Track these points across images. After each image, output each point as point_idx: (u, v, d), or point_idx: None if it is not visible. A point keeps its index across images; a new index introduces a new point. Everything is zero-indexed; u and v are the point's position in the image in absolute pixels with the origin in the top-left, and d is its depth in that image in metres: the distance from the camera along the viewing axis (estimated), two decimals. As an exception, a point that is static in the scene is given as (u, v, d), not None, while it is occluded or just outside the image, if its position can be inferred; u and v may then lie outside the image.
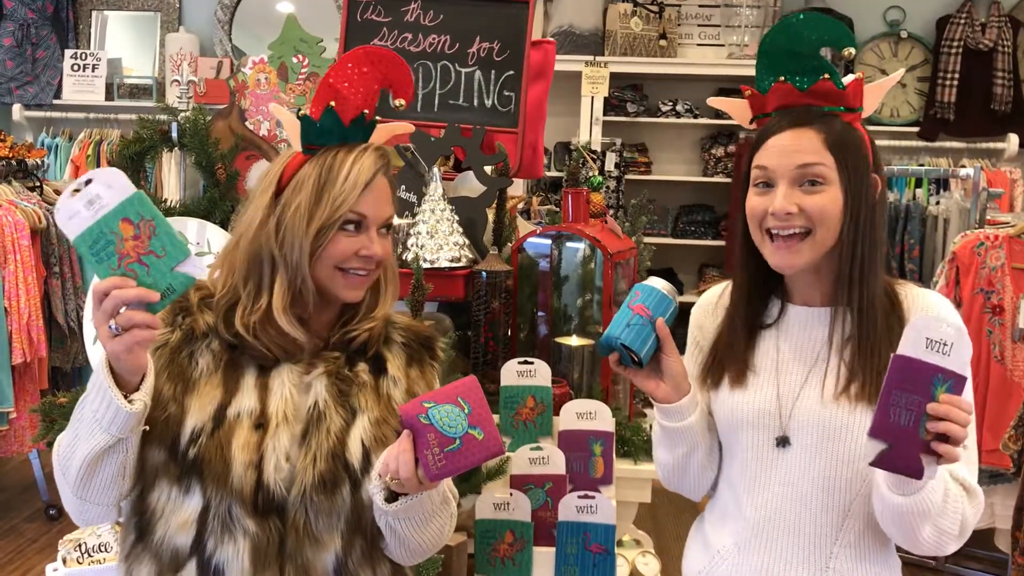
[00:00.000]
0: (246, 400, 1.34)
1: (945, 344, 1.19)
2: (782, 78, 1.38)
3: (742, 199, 1.44)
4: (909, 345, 1.20)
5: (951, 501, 1.30)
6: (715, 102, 1.53)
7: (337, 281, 1.38)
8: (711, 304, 1.58)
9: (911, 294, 1.42)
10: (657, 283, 1.41)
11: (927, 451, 1.19)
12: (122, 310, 1.19)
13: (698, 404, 1.48)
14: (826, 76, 1.36)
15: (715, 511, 1.56)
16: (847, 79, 1.40)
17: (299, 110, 1.51)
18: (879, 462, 1.20)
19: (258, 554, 1.30)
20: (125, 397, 1.22)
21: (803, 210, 1.35)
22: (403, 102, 1.47)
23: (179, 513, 1.30)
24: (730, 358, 1.48)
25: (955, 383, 1.19)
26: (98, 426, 1.23)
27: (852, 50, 1.36)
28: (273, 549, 1.31)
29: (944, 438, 1.18)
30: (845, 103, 1.37)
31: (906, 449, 1.19)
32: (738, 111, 1.46)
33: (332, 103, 1.37)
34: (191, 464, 1.30)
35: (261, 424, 1.33)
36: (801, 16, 1.38)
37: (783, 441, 1.42)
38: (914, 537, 1.32)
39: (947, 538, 1.32)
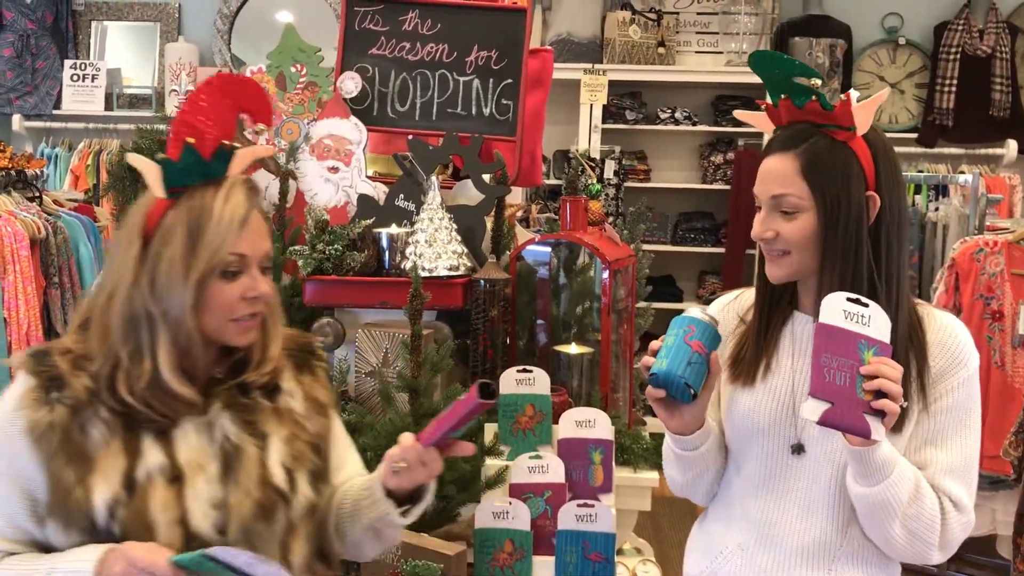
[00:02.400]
0: (152, 458, 1.27)
1: (863, 316, 1.28)
2: (784, 96, 1.42)
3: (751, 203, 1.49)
4: (828, 316, 1.28)
5: (925, 507, 1.35)
6: (741, 115, 1.58)
7: (227, 330, 1.32)
8: (723, 314, 1.60)
9: (928, 314, 1.47)
10: (705, 317, 1.40)
11: (870, 411, 1.25)
12: None
13: (711, 433, 1.51)
14: (814, 98, 1.39)
15: (719, 512, 1.59)
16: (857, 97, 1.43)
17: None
18: (824, 419, 1.26)
19: None
20: None
21: (779, 235, 1.41)
22: (263, 126, 1.44)
23: None
24: (746, 361, 1.52)
25: (881, 348, 1.27)
26: None
27: (818, 81, 1.40)
28: None
29: (881, 396, 1.24)
30: (836, 122, 1.40)
31: (847, 408, 1.25)
32: (761, 122, 1.51)
33: (191, 140, 1.30)
34: (116, 541, 1.24)
35: (176, 477, 1.28)
36: (754, 57, 1.44)
37: (798, 448, 1.46)
38: (886, 535, 1.37)
39: (923, 545, 1.37)
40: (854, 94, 1.38)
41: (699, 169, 6.09)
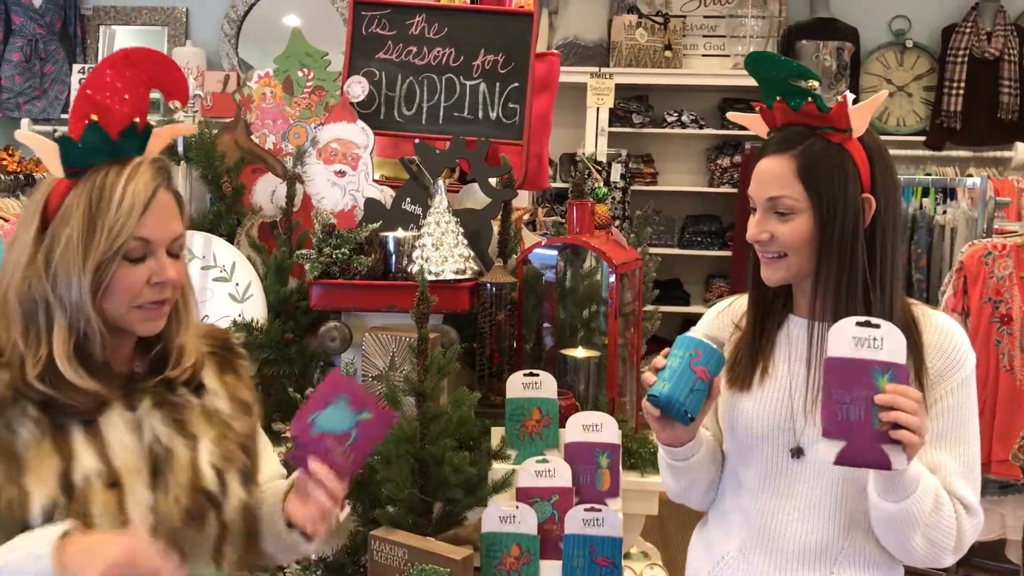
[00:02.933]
0: (86, 460, 1.22)
1: (874, 340, 1.23)
2: (779, 98, 1.42)
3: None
4: (837, 347, 1.25)
5: (944, 515, 1.34)
6: (734, 116, 1.58)
7: (132, 317, 1.26)
8: (718, 321, 1.62)
9: (923, 314, 1.45)
10: (712, 341, 1.39)
11: (888, 441, 1.22)
12: None
13: (703, 443, 1.51)
14: (810, 100, 1.39)
15: (719, 516, 1.59)
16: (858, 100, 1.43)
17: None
18: (841, 459, 1.23)
19: None
20: None
21: (774, 237, 1.41)
22: (178, 103, 1.35)
23: None
24: (742, 364, 1.52)
25: (896, 372, 1.23)
26: None
27: (815, 83, 1.39)
28: None
29: (898, 425, 1.22)
30: (832, 124, 1.39)
31: (865, 442, 1.22)
32: (755, 124, 1.51)
33: (94, 117, 1.22)
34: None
35: (115, 483, 1.23)
36: (750, 59, 1.44)
37: (798, 452, 1.45)
38: (906, 546, 1.36)
39: (940, 551, 1.37)
40: (850, 96, 1.39)
41: (706, 172, 6.08)
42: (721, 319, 1.61)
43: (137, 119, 1.26)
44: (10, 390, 1.21)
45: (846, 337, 1.24)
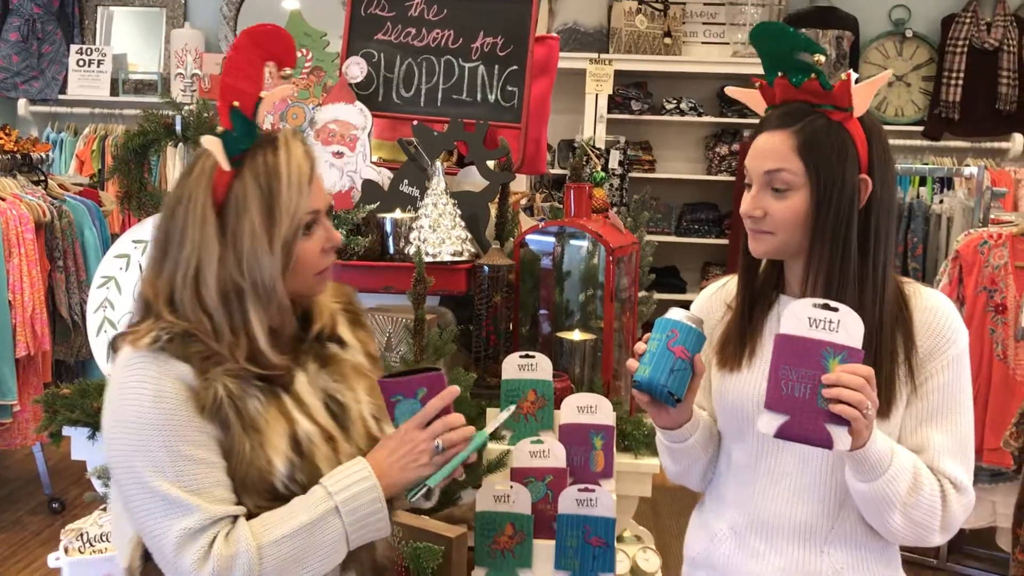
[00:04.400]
0: (303, 422, 1.32)
1: (830, 322, 1.24)
2: (780, 73, 1.41)
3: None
4: (790, 325, 1.25)
5: (924, 495, 1.34)
6: (732, 92, 1.57)
7: (313, 284, 1.37)
8: (710, 302, 1.62)
9: (915, 292, 1.44)
10: (689, 318, 1.40)
11: (832, 420, 1.22)
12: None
13: (699, 424, 1.52)
14: (813, 76, 1.38)
15: (713, 496, 1.60)
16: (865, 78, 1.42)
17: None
18: (781, 433, 1.24)
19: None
20: None
21: (768, 214, 1.40)
22: (288, 70, 1.43)
23: None
24: (731, 344, 1.52)
25: (849, 354, 1.23)
26: (346, 546, 1.30)
27: (822, 57, 1.38)
28: None
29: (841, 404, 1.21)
30: (834, 102, 1.39)
31: (806, 420, 1.23)
32: (753, 100, 1.49)
33: (235, 103, 1.29)
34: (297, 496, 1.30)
35: (330, 437, 1.35)
36: (757, 29, 1.42)
37: None
38: (886, 524, 1.37)
39: (924, 530, 1.37)
40: (853, 75, 1.37)
41: (704, 160, 6.08)
42: (714, 300, 1.61)
43: (263, 95, 1.33)
44: (234, 376, 1.28)
45: (801, 317, 1.25)
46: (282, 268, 1.29)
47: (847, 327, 1.24)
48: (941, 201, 4.61)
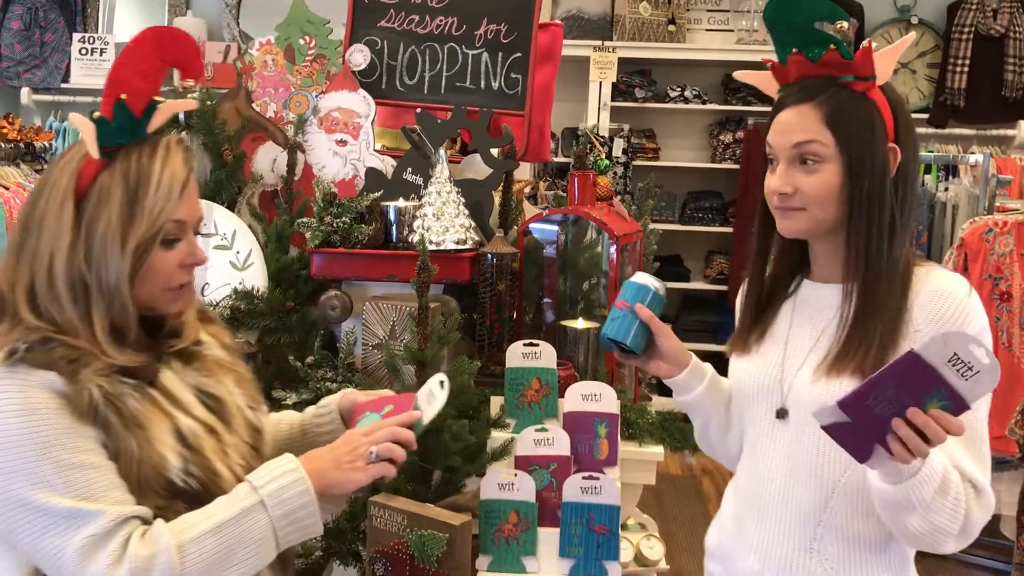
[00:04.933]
0: (181, 416, 1.28)
1: (970, 368, 1.12)
2: (795, 50, 1.37)
3: (761, 180, 1.44)
4: (933, 350, 1.13)
5: (950, 499, 1.25)
6: (741, 75, 1.53)
7: (162, 299, 1.29)
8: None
9: (926, 274, 1.37)
10: (636, 277, 1.52)
11: (884, 444, 1.16)
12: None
13: (705, 378, 1.52)
14: (832, 47, 1.34)
15: (731, 483, 1.60)
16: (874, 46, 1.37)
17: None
18: (831, 429, 1.18)
19: None
20: None
21: (798, 190, 1.35)
22: (191, 81, 1.40)
23: None
24: (744, 329, 1.52)
25: (954, 406, 1.14)
26: (275, 545, 1.25)
27: (844, 24, 1.35)
28: None
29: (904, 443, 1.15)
30: (856, 72, 1.35)
31: (864, 434, 1.17)
32: (764, 82, 1.46)
33: (123, 96, 1.24)
34: (195, 492, 1.26)
35: (211, 430, 1.31)
36: (773, 2, 1.38)
37: (782, 413, 1.44)
38: (902, 527, 1.28)
39: (943, 535, 1.27)
40: (874, 43, 1.34)
41: (708, 148, 6.06)
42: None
43: (156, 98, 1.29)
44: (105, 375, 1.21)
45: (949, 350, 1.12)
46: (130, 271, 1.23)
47: (980, 382, 1.13)
48: (946, 189, 4.59)
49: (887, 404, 1.14)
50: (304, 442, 1.55)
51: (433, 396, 1.46)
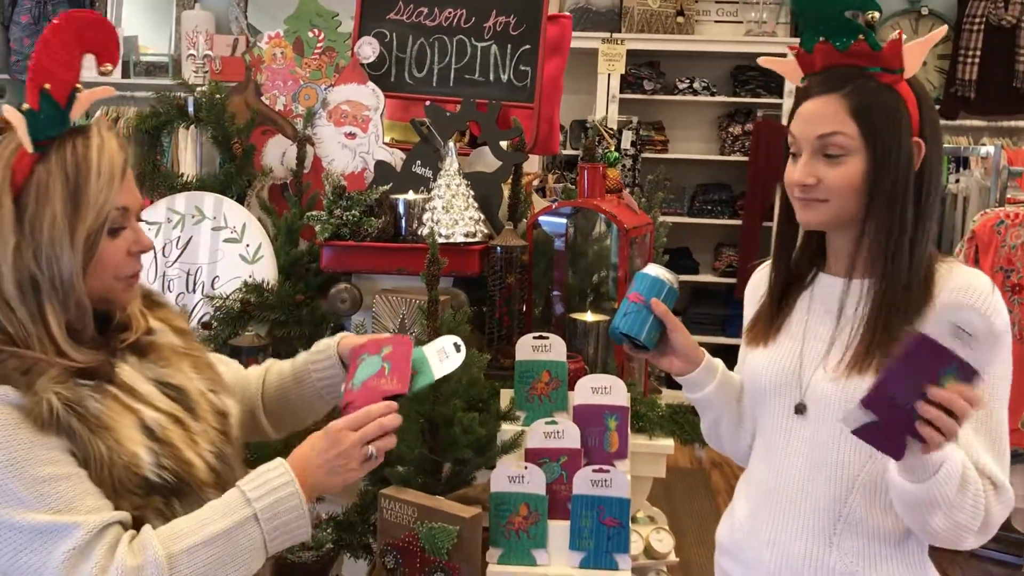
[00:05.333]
0: (145, 409, 1.26)
1: (971, 336, 1.13)
2: (823, 38, 1.36)
3: (783, 169, 1.43)
4: (935, 326, 1.15)
5: (970, 495, 1.25)
6: (765, 61, 1.53)
7: (114, 289, 1.26)
8: (758, 278, 1.60)
9: (948, 271, 1.37)
10: (649, 269, 1.49)
11: (914, 433, 1.15)
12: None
13: (717, 374, 1.51)
14: (861, 37, 1.33)
15: (745, 478, 1.59)
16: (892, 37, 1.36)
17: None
18: (861, 432, 1.18)
19: None
20: None
21: (821, 181, 1.34)
22: (110, 67, 1.31)
23: None
24: (761, 322, 1.50)
25: (967, 378, 1.14)
26: (264, 553, 1.23)
27: (876, 14, 1.33)
28: None
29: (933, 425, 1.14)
30: (884, 64, 1.34)
31: (893, 428, 1.16)
32: (789, 70, 1.44)
33: (47, 85, 1.20)
34: (171, 485, 1.24)
35: (177, 420, 1.30)
36: None
37: (801, 408, 1.43)
38: (925, 525, 1.28)
39: (964, 532, 1.27)
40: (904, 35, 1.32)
41: (717, 140, 6.04)
42: (761, 275, 1.58)
43: (78, 85, 1.25)
44: (61, 382, 1.18)
45: (946, 322, 1.14)
46: (83, 265, 1.20)
47: (984, 346, 1.15)
48: (957, 181, 4.57)
49: (907, 392, 1.14)
50: (298, 390, 1.56)
51: (446, 355, 1.46)
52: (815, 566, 1.40)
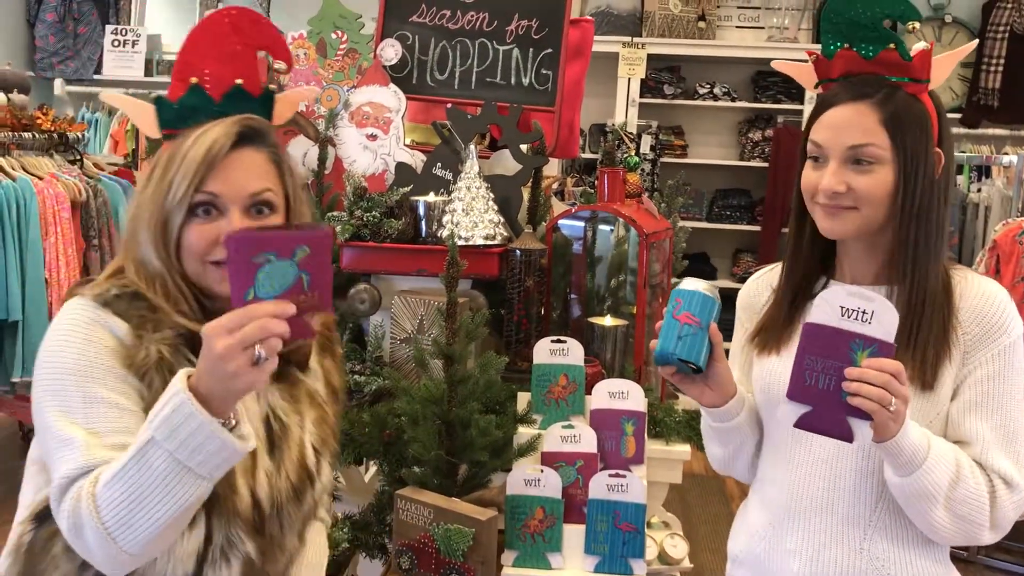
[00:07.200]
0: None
1: (864, 312, 1.20)
2: (847, 45, 1.36)
3: (798, 174, 1.42)
4: (821, 314, 1.22)
5: (968, 488, 1.28)
6: (779, 65, 1.52)
7: (209, 275, 1.24)
8: (756, 285, 1.59)
9: (964, 278, 1.38)
10: (696, 285, 1.36)
11: (855, 414, 1.20)
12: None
13: (744, 403, 1.48)
14: (892, 46, 1.33)
15: (755, 488, 1.57)
16: (916, 48, 1.36)
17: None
18: (801, 423, 1.23)
19: (249, 574, 1.27)
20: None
21: (851, 189, 1.34)
22: (284, 65, 1.33)
23: (181, 546, 1.20)
24: (771, 328, 1.49)
25: (880, 348, 1.19)
26: (191, 476, 1.09)
27: (917, 24, 1.33)
28: (259, 567, 1.28)
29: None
30: (911, 74, 1.34)
31: (828, 412, 1.21)
32: (803, 74, 1.44)
33: (194, 79, 1.23)
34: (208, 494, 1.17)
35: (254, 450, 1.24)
36: None
37: None
38: (930, 522, 1.31)
39: (971, 526, 1.30)
40: (926, 46, 1.33)
41: (737, 146, 6.03)
42: (760, 283, 1.57)
43: (240, 80, 1.26)
44: (168, 344, 1.22)
45: (834, 305, 1.21)
46: (161, 242, 1.23)
47: (880, 319, 1.19)
48: (979, 190, 4.54)
49: (825, 376, 1.21)
50: None
51: None
52: (846, 574, 1.40)
